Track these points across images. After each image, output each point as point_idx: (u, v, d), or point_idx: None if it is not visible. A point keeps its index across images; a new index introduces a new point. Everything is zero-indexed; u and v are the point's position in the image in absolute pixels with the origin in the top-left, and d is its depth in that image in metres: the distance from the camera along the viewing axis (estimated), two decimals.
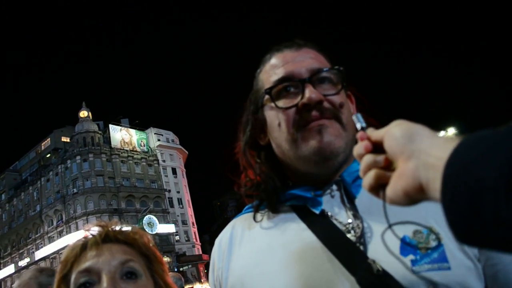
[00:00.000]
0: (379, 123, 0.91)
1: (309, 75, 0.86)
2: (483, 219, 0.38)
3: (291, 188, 0.89)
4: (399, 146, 0.51)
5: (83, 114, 49.74)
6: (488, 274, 0.72)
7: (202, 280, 41.56)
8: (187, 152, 58.15)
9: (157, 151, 52.82)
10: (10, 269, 51.05)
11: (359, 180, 0.84)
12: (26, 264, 48.49)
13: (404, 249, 0.72)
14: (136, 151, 50.78)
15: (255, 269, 0.83)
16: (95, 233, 0.92)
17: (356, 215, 0.80)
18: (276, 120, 0.88)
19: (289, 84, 0.87)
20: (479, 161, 0.39)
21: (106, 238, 0.90)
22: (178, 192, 53.19)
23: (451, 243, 0.72)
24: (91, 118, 50.21)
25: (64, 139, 52.75)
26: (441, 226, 0.73)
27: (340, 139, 0.84)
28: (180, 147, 56.78)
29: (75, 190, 45.92)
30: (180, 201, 52.85)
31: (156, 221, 41.82)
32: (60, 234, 45.46)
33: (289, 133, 0.85)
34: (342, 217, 0.81)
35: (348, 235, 0.78)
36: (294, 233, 0.84)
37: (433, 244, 0.72)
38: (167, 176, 52.76)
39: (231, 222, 0.99)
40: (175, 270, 36.97)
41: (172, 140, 56.32)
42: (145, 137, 53.25)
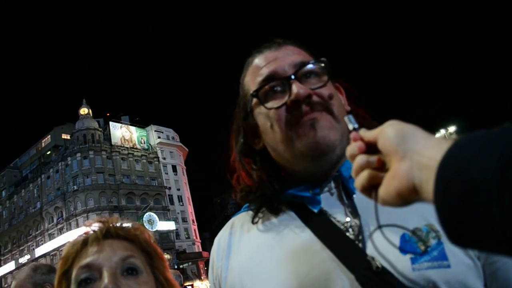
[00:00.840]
0: (369, 114, 0.91)
1: (293, 71, 0.84)
2: (475, 220, 0.38)
3: (289, 188, 0.88)
4: (393, 146, 0.51)
5: (84, 111, 49.78)
6: (488, 272, 0.72)
7: (202, 278, 41.65)
8: (187, 149, 58.18)
9: (157, 148, 52.85)
10: (11, 266, 51.15)
11: None
12: (26, 261, 48.55)
13: (404, 247, 0.72)
14: (136, 149, 50.81)
15: (254, 267, 0.83)
16: (96, 229, 0.91)
17: (354, 212, 0.80)
18: (268, 122, 0.86)
19: (274, 83, 0.85)
20: (472, 162, 0.39)
21: (107, 234, 0.90)
22: (179, 189, 53.25)
23: None
24: (91, 115, 50.21)
25: (64, 136, 52.78)
26: None
27: (335, 131, 0.83)
28: (181, 144, 56.80)
29: (76, 187, 46.01)
30: (180, 198, 52.91)
31: (156, 218, 41.82)
32: (61, 231, 45.60)
33: (282, 132, 0.83)
34: (341, 215, 0.81)
35: (347, 234, 0.77)
36: (292, 231, 0.84)
37: (433, 242, 0.72)
38: (167, 173, 52.82)
39: (230, 220, 0.99)
40: (175, 267, 37.09)
41: (173, 138, 56.34)
42: (145, 134, 53.26)
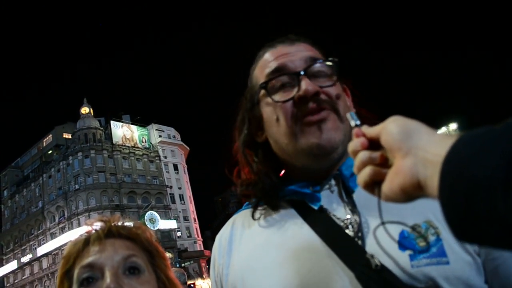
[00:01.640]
0: (372, 114, 0.91)
1: (304, 67, 0.84)
2: (480, 216, 0.38)
3: (289, 184, 0.88)
4: (396, 142, 0.51)
5: (85, 110, 49.84)
6: (489, 269, 0.71)
7: (204, 276, 41.82)
8: (188, 148, 58.25)
9: (158, 147, 52.93)
10: (13, 265, 51.38)
11: None
12: (28, 260, 48.89)
13: (403, 243, 0.72)
14: (137, 147, 50.89)
15: (255, 265, 0.83)
16: (97, 228, 0.92)
17: (354, 210, 0.80)
18: (274, 114, 0.86)
19: (284, 77, 0.86)
20: (476, 158, 0.40)
21: (109, 233, 0.90)
22: (180, 188, 53.34)
23: (450, 238, 0.71)
24: (92, 114, 50.29)
25: (65, 135, 52.89)
26: (439, 220, 0.73)
27: (339, 132, 0.83)
28: (182, 143, 56.87)
29: (77, 187, 46.13)
30: (181, 197, 53.00)
31: (158, 217, 41.87)
32: (62, 230, 45.69)
33: (288, 126, 0.84)
34: (341, 212, 0.81)
35: (347, 231, 0.77)
36: (293, 229, 0.84)
37: (431, 238, 0.71)
38: (168, 172, 52.92)
39: (231, 218, 1.00)
40: (177, 266, 37.14)
41: (174, 136, 56.40)
42: (146, 133, 53.34)
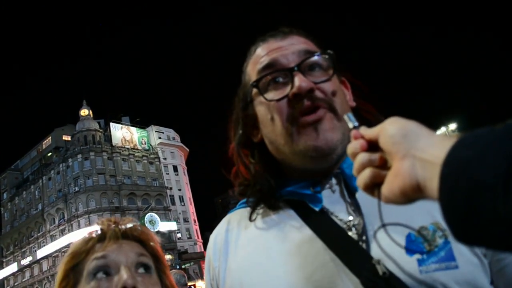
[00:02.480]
0: (376, 109, 0.88)
1: (297, 62, 0.80)
2: (481, 217, 0.38)
3: (288, 184, 0.84)
4: (395, 144, 0.50)
5: (84, 112, 49.80)
6: (495, 269, 0.69)
7: (204, 278, 41.63)
8: (188, 149, 58.16)
9: (158, 149, 52.83)
10: (13, 267, 51.22)
11: None
12: (28, 262, 48.74)
13: (410, 247, 0.68)
14: (137, 149, 50.79)
15: (254, 269, 0.79)
16: (112, 227, 0.93)
17: (357, 211, 0.76)
18: (268, 114, 0.82)
19: (277, 74, 0.81)
20: (476, 159, 0.39)
21: (124, 234, 0.92)
22: (180, 189, 53.24)
23: None
24: (92, 116, 50.22)
25: (65, 137, 52.68)
26: None
27: (336, 131, 0.78)
28: (181, 144, 56.79)
29: (77, 189, 45.99)
30: (181, 198, 52.89)
31: (158, 218, 41.74)
32: (62, 233, 45.54)
33: (283, 127, 0.79)
34: (343, 214, 0.77)
35: (350, 233, 0.73)
36: (293, 231, 0.79)
37: (439, 241, 0.68)
38: (168, 173, 52.80)
39: (226, 217, 0.96)
40: (177, 267, 37.05)
41: (173, 138, 56.32)
42: (146, 135, 53.25)
